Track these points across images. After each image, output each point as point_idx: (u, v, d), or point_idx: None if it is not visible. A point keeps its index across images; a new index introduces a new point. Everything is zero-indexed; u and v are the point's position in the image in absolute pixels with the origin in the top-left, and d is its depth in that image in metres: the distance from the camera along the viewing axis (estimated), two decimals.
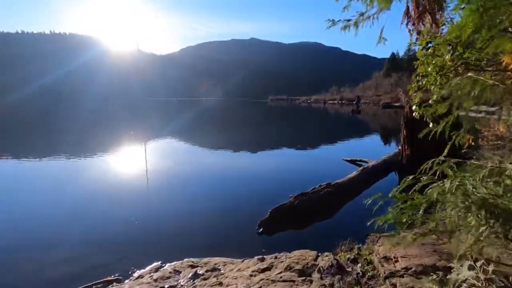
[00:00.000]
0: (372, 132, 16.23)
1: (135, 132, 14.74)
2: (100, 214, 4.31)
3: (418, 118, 4.37)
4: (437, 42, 3.17)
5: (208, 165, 7.47)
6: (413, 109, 4.38)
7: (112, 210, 4.46)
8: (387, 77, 75.35)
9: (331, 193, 4.01)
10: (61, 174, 6.61)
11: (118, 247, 3.30)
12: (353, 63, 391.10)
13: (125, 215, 4.11)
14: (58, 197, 5.12)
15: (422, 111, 4.28)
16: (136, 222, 3.88)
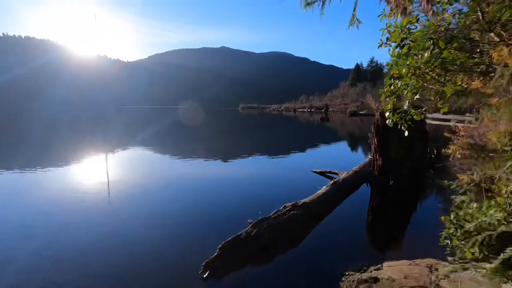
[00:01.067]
0: (341, 139, 16.14)
1: (91, 141, 13.22)
2: (52, 235, 3.50)
3: (391, 125, 3.90)
4: (415, 37, 2.68)
5: (152, 182, 6.51)
6: (386, 115, 3.89)
7: (64, 232, 3.67)
8: (352, 86, 78.75)
9: (297, 216, 3.33)
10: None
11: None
12: (321, 73, 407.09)
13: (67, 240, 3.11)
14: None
15: (396, 118, 3.80)
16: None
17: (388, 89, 3.80)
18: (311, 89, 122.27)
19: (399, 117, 3.89)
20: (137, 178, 6.64)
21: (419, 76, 3.34)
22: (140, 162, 8.76)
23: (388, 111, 3.93)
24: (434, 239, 3.90)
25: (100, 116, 44.23)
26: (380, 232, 4.24)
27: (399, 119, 3.90)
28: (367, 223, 4.58)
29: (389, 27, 3.74)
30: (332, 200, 4.23)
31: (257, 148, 12.00)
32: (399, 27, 3.27)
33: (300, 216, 3.35)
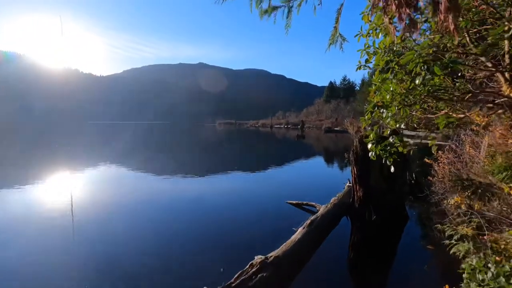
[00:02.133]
0: (317, 159, 15.81)
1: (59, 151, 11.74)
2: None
3: (374, 158, 3.37)
4: (406, 60, 2.17)
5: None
6: (368, 147, 3.36)
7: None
8: (327, 103, 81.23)
9: (267, 280, 2.61)
10: None
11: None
12: (297, 89, 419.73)
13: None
14: None
15: (379, 150, 3.28)
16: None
17: (369, 116, 3.30)
18: (287, 105, 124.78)
19: (382, 149, 3.40)
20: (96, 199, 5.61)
21: (406, 106, 2.88)
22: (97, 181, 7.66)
23: (370, 142, 3.42)
24: (419, 274, 3.44)
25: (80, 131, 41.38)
26: (362, 269, 3.75)
27: (382, 151, 3.41)
28: (348, 260, 4.03)
29: (368, 47, 3.29)
30: (309, 246, 3.57)
31: (229, 169, 11.21)
32: (383, 49, 2.80)
33: (271, 279, 2.63)
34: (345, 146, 22.79)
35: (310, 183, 8.92)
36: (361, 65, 3.36)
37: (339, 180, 8.52)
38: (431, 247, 3.98)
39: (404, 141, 3.05)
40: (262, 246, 4.04)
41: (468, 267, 2.46)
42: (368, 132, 3.52)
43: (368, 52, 3.26)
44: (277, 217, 5.32)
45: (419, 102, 2.83)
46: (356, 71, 3.56)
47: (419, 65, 2.07)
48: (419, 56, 2.08)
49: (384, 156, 3.24)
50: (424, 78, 2.21)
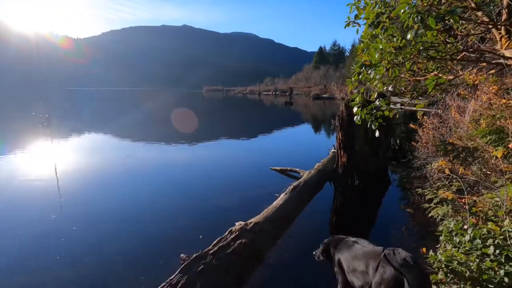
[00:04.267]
0: (304, 125, 15.76)
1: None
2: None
3: (359, 123, 3.24)
4: (398, 10, 1.91)
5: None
6: (353, 111, 3.22)
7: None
8: (316, 69, 79.75)
9: (245, 247, 2.56)
10: None
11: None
12: (286, 55, 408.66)
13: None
14: None
15: (364, 114, 3.14)
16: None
17: (356, 78, 3.10)
18: (276, 71, 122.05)
19: (368, 113, 3.26)
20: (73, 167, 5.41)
21: (396, 65, 2.68)
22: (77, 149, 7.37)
23: (356, 105, 3.26)
24: (397, 236, 3.56)
25: None
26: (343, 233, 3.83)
27: (368, 115, 3.27)
28: (330, 225, 4.09)
29: (358, 1, 2.98)
30: (290, 212, 3.55)
31: (213, 136, 11.02)
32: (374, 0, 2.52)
33: (249, 246, 2.59)
34: (333, 113, 22.78)
35: (296, 150, 8.90)
36: (350, 21, 3.06)
37: (325, 146, 8.52)
38: (411, 210, 4.06)
39: (389, 104, 2.90)
40: (245, 212, 4.00)
41: (446, 229, 2.48)
42: (354, 96, 3.34)
43: (358, 6, 2.96)
44: (261, 184, 5.28)
45: (409, 61, 2.64)
46: (345, 28, 3.25)
47: (412, 17, 1.84)
48: (412, 6, 1.84)
49: (370, 120, 3.10)
50: (416, 32, 1.99)
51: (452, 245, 2.24)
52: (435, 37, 2.61)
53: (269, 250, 2.94)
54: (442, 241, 2.36)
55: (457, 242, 2.17)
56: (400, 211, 4.28)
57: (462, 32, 3.23)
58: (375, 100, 3.26)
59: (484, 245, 2.00)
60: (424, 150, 5.33)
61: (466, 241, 2.07)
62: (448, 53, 2.57)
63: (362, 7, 2.93)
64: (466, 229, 2.26)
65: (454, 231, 2.34)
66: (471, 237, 2.12)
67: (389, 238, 3.47)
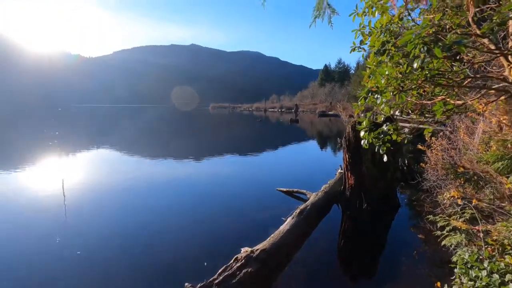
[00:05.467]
0: (309, 143, 15.71)
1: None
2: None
3: (367, 147, 3.21)
4: (404, 41, 1.93)
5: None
6: (361, 135, 3.20)
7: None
8: (321, 86, 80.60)
9: (252, 277, 2.49)
10: None
11: None
12: (291, 72, 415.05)
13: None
14: None
15: (371, 138, 3.12)
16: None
17: (362, 102, 3.11)
18: (281, 89, 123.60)
19: (375, 137, 3.24)
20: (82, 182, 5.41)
21: (402, 91, 2.68)
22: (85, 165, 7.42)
23: (363, 130, 3.25)
24: (409, 264, 3.41)
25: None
26: (352, 258, 3.72)
27: (376, 139, 3.24)
28: (338, 249, 3.97)
29: (363, 28, 3.04)
30: (298, 237, 3.46)
31: (219, 154, 11.04)
32: (379, 28, 2.56)
33: (255, 276, 2.51)
34: (339, 131, 22.75)
35: (302, 169, 8.83)
36: (355, 46, 3.12)
37: (332, 165, 8.43)
38: (422, 236, 3.93)
39: (398, 128, 2.88)
40: (250, 236, 3.94)
41: (461, 261, 2.37)
42: (361, 119, 3.33)
43: (363, 32, 3.02)
44: (267, 205, 5.20)
45: (415, 87, 2.64)
46: (350, 53, 3.31)
47: (418, 47, 1.86)
48: (418, 36, 1.86)
49: (377, 145, 3.08)
50: (423, 61, 2.00)
51: (468, 279, 2.14)
52: (440, 63, 2.62)
53: (276, 279, 2.85)
54: (457, 273, 2.26)
55: (473, 276, 2.07)
56: (410, 237, 4.15)
57: (468, 57, 3.25)
58: (382, 124, 3.25)
59: (503, 280, 1.90)
60: (433, 172, 5.23)
61: (483, 276, 1.98)
62: (455, 79, 2.57)
63: (367, 33, 3.00)
64: (482, 261, 2.17)
65: (469, 263, 2.24)
66: (488, 271, 2.02)
67: (401, 266, 3.34)
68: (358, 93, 3.30)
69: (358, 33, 3.03)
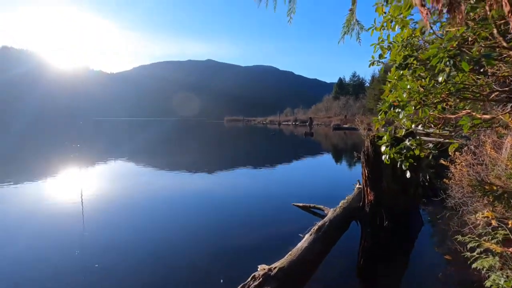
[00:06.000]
0: (325, 158, 15.48)
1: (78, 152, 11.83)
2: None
3: (388, 162, 3.12)
4: (428, 55, 1.88)
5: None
6: (381, 150, 3.12)
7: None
8: (336, 100, 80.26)
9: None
10: None
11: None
12: (305, 86, 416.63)
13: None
14: None
15: (393, 153, 3.03)
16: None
17: (382, 116, 3.05)
18: (295, 102, 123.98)
19: (397, 152, 3.13)
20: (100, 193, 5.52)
21: (425, 105, 2.61)
22: (102, 176, 7.59)
23: (384, 144, 3.17)
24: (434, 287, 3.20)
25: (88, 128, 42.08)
26: (373, 278, 3.54)
27: (397, 154, 3.14)
28: (358, 268, 3.80)
29: (382, 42, 3.02)
30: (316, 255, 3.34)
31: (232, 167, 11.04)
32: (400, 42, 2.53)
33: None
34: (354, 144, 22.35)
35: (318, 183, 8.66)
36: (374, 60, 3.10)
37: (348, 179, 8.24)
38: (449, 257, 3.71)
39: (422, 143, 2.78)
40: (266, 252, 3.86)
41: (495, 286, 2.21)
42: (381, 134, 3.25)
43: (382, 46, 3.00)
44: (283, 221, 5.10)
45: (439, 101, 2.56)
46: (369, 67, 3.28)
47: (444, 60, 1.81)
48: (444, 49, 1.81)
49: (399, 160, 2.98)
50: (448, 75, 1.94)
51: None
52: (466, 77, 2.54)
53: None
54: None
55: None
56: (436, 257, 3.92)
57: (493, 70, 3.14)
58: (403, 139, 3.16)
59: None
60: (458, 188, 4.99)
61: None
62: (481, 92, 2.48)
63: (386, 47, 2.97)
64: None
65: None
66: None
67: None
68: (377, 107, 3.24)
69: (377, 47, 3.01)
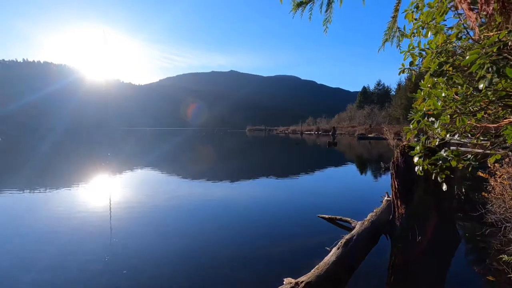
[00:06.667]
0: (350, 168, 15.04)
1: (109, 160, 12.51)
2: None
3: (421, 174, 2.97)
4: (468, 61, 1.76)
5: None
6: (414, 161, 2.97)
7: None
8: (360, 109, 78.45)
9: None
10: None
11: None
12: (328, 95, 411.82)
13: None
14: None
15: (426, 164, 2.88)
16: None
17: (415, 126, 2.91)
18: (318, 111, 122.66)
19: (432, 163, 2.96)
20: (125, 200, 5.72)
21: (463, 114, 2.46)
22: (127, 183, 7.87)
23: (417, 155, 3.01)
24: None
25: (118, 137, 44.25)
26: None
27: (432, 166, 2.97)
28: (387, 285, 3.58)
29: (413, 49, 2.93)
30: (344, 270, 3.20)
31: (256, 177, 11.01)
32: (434, 49, 2.43)
33: None
34: (380, 154, 21.57)
35: (344, 194, 8.40)
36: (404, 68, 3.00)
37: (375, 192, 7.92)
38: (491, 278, 3.41)
39: (459, 154, 2.61)
40: (292, 264, 3.77)
41: None
42: (414, 144, 3.11)
43: (413, 54, 2.91)
44: (308, 232, 4.96)
45: (478, 110, 2.41)
46: (399, 74, 3.19)
47: (486, 66, 1.70)
48: (485, 56, 1.71)
49: (435, 172, 2.81)
50: (490, 81, 1.82)
51: None
52: (509, 84, 2.38)
53: None
54: None
55: None
56: (475, 277, 3.62)
57: None
58: (436, 149, 2.99)
59: None
60: (500, 203, 4.62)
61: None
62: None
63: (417, 54, 2.87)
64: None
65: None
66: None
67: None
68: (408, 116, 3.11)
69: (407, 54, 2.92)
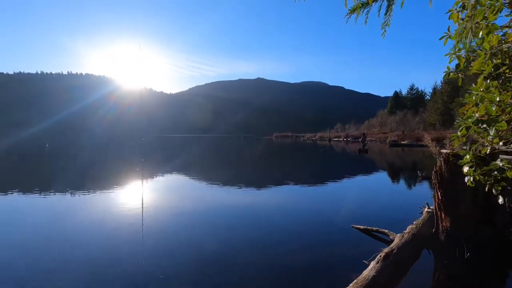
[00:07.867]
0: (383, 176, 14.37)
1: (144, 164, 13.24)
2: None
3: (472, 185, 2.73)
4: None
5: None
6: (464, 171, 2.75)
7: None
8: (391, 115, 75.19)
9: None
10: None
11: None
12: (357, 101, 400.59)
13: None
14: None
15: (478, 175, 2.65)
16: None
17: (463, 133, 2.69)
18: (347, 117, 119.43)
19: (484, 173, 2.71)
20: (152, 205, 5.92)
21: None
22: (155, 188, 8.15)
23: (466, 165, 2.78)
24: None
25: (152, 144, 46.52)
26: None
27: (484, 176, 2.72)
28: None
29: (459, 50, 2.74)
30: (384, 286, 3.01)
31: (286, 183, 10.87)
32: (488, 50, 2.25)
33: None
34: (414, 162, 20.42)
35: (378, 204, 7.99)
36: (450, 71, 2.81)
37: (413, 202, 7.43)
38: None
39: None
40: (329, 278, 3.63)
41: None
42: (462, 152, 2.88)
43: (460, 56, 2.72)
44: (343, 244, 4.75)
45: None
46: (444, 78, 3.00)
47: None
48: None
49: (488, 183, 2.57)
50: None
51: None
52: None
53: None
54: None
55: None
56: None
57: None
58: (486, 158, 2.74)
59: None
60: None
61: None
62: None
63: (464, 56, 2.68)
64: None
65: None
66: None
67: None
68: (456, 122, 2.90)
69: (452, 56, 2.74)
